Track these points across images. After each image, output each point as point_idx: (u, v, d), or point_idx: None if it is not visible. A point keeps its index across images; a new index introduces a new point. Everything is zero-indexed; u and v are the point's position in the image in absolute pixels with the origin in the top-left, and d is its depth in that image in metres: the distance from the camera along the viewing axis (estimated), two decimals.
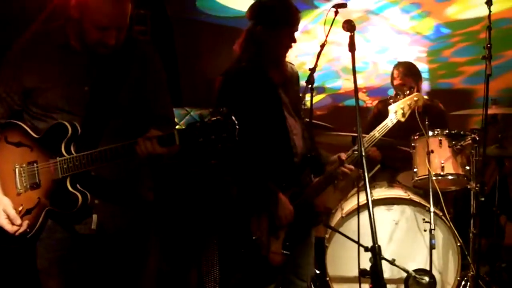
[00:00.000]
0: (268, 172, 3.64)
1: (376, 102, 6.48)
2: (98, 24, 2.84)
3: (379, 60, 7.19)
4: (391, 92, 7.29)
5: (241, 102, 3.57)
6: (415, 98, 4.35)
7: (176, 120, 5.13)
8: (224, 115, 2.70)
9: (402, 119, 4.21)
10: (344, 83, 7.25)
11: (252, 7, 3.68)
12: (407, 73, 5.92)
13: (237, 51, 3.73)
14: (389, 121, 4.12)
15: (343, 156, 3.74)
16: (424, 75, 6.60)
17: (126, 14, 2.90)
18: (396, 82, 5.95)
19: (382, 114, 5.84)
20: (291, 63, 3.89)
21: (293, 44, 3.67)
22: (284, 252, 3.66)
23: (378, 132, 4.02)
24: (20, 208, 2.93)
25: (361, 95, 7.19)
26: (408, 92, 4.41)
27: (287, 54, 3.75)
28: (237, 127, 2.71)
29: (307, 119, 3.84)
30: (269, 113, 3.66)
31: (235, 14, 7.00)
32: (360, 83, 7.10)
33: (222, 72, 3.75)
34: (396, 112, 4.17)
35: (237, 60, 3.73)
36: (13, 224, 2.90)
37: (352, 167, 3.73)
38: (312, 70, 3.95)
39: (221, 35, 7.00)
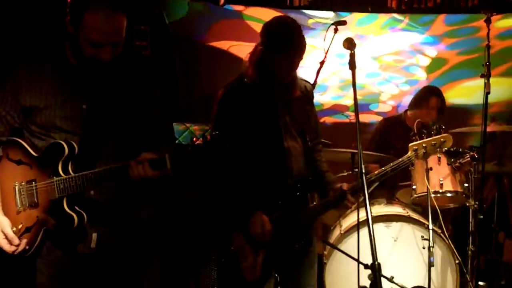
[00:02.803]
0: (257, 191, 3.63)
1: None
2: (92, 40, 2.81)
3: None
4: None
5: (236, 117, 3.59)
6: (442, 140, 3.88)
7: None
8: (216, 139, 2.71)
9: (422, 160, 3.96)
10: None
11: (263, 26, 3.66)
12: (442, 108, 5.72)
13: (245, 65, 3.70)
14: (406, 158, 3.85)
15: (345, 186, 3.65)
16: None
17: (119, 29, 2.86)
18: (425, 111, 5.70)
19: (387, 131, 5.86)
20: (306, 81, 3.86)
21: (294, 69, 3.63)
22: (263, 270, 3.66)
23: (391, 168, 3.80)
24: (20, 226, 2.93)
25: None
26: (434, 130, 4.13)
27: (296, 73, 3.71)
28: (229, 151, 2.73)
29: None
30: (264, 132, 3.64)
31: None
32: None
33: (224, 85, 3.74)
34: (416, 150, 3.85)
35: (241, 75, 3.72)
36: (11, 244, 2.90)
37: (353, 200, 3.63)
38: (312, 86, 3.98)
39: (220, 52, 7.04)
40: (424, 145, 3.86)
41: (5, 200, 2.97)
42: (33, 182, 2.93)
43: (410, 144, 3.89)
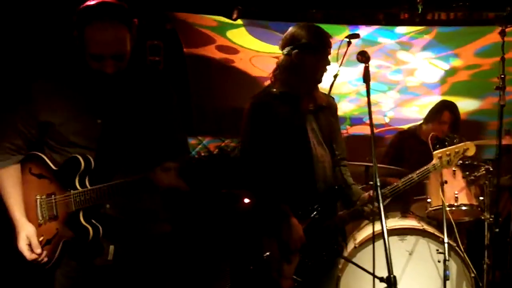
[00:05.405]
0: (287, 197, 3.64)
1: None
2: (92, 53, 2.83)
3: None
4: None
5: (265, 126, 3.64)
6: (465, 147, 3.90)
7: None
8: (220, 152, 2.73)
9: (448, 167, 3.99)
10: None
11: (283, 38, 3.73)
12: (455, 123, 5.76)
13: (270, 79, 3.78)
14: (431, 166, 3.87)
15: (373, 194, 3.63)
16: None
17: (119, 41, 2.84)
18: (437, 125, 5.72)
19: (402, 144, 5.85)
20: (331, 96, 3.93)
21: (326, 68, 3.69)
22: (295, 278, 3.64)
23: (416, 175, 3.82)
24: (41, 239, 2.96)
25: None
26: (457, 139, 4.23)
27: (321, 83, 3.77)
28: (234, 163, 2.76)
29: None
30: (292, 139, 3.68)
31: None
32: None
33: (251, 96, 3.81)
34: (441, 158, 3.87)
35: (268, 85, 3.80)
36: (32, 251, 2.94)
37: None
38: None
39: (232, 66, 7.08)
40: (448, 153, 3.86)
41: (28, 213, 3.01)
42: (53, 195, 2.97)
43: (434, 152, 3.90)
